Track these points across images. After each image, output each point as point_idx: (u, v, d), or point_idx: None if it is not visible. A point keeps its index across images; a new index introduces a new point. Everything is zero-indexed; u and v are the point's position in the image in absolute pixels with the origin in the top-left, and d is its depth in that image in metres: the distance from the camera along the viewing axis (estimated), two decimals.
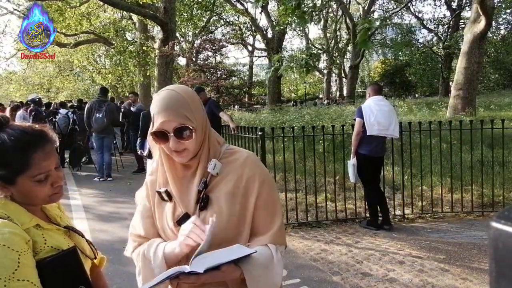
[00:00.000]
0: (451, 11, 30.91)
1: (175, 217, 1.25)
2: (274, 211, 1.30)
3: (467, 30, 12.97)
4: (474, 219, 4.89)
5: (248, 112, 19.81)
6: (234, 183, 1.25)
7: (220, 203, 1.23)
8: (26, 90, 26.71)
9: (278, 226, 1.28)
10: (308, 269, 3.64)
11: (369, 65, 46.38)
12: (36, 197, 1.17)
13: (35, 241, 1.11)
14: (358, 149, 4.54)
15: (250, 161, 1.31)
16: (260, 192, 1.27)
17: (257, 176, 1.28)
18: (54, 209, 1.32)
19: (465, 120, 5.90)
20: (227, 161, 1.29)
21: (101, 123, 7.89)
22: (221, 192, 1.24)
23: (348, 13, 26.17)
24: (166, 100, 1.20)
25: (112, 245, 4.30)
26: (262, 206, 1.27)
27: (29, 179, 1.13)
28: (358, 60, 27.40)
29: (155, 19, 13.55)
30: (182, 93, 1.23)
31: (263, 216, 1.27)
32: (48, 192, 1.17)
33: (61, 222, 1.28)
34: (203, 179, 1.24)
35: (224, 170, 1.27)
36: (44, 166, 1.14)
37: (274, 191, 1.35)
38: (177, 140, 1.18)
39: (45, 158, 1.15)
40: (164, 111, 1.18)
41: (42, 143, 1.16)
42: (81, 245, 1.28)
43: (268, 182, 1.32)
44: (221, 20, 26.68)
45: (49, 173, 1.16)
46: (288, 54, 23.90)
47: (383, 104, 4.56)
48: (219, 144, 1.32)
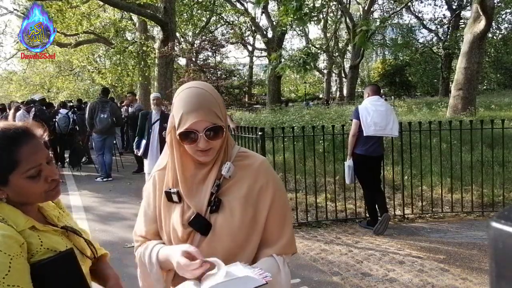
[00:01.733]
0: (451, 11, 30.89)
1: (186, 219, 1.21)
2: (285, 221, 1.29)
3: (467, 30, 12.96)
4: (474, 219, 4.89)
5: (248, 112, 19.78)
6: (248, 188, 1.23)
7: (233, 208, 1.20)
8: (26, 90, 26.70)
9: (288, 237, 1.27)
10: (308, 269, 3.64)
11: (369, 65, 46.36)
12: (31, 195, 1.15)
13: (30, 242, 1.10)
14: (354, 150, 4.56)
15: (264, 167, 1.28)
16: (273, 200, 1.25)
17: (270, 184, 1.26)
18: (52, 209, 1.30)
19: (465, 120, 5.90)
20: (240, 164, 1.26)
21: (106, 123, 7.94)
22: (234, 196, 1.22)
23: (348, 13, 26.14)
24: (196, 98, 1.16)
25: (112, 245, 4.30)
26: (274, 215, 1.25)
27: (20, 176, 1.11)
28: (358, 60, 27.37)
29: (155, 19, 13.54)
30: (210, 91, 1.19)
31: (274, 226, 1.26)
32: (43, 188, 1.15)
33: (59, 223, 1.26)
34: (216, 182, 1.21)
35: (237, 174, 1.24)
36: (33, 160, 1.12)
37: (286, 200, 1.33)
38: (206, 140, 1.15)
39: (32, 152, 1.13)
40: (196, 111, 1.13)
41: (26, 138, 1.14)
42: (80, 246, 1.26)
43: (281, 190, 1.31)
44: (221, 20, 26.67)
45: (40, 167, 1.14)
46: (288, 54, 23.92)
47: (379, 104, 4.56)
48: (232, 146, 1.30)
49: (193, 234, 1.21)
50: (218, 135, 1.17)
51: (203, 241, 1.20)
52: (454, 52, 28.41)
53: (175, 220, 1.23)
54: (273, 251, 1.23)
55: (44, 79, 27.07)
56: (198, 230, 1.20)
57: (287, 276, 1.24)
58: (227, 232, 1.18)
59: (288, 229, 1.28)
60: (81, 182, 7.99)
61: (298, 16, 6.12)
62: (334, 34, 32.90)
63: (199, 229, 1.20)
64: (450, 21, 31.27)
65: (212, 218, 1.20)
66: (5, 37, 42.43)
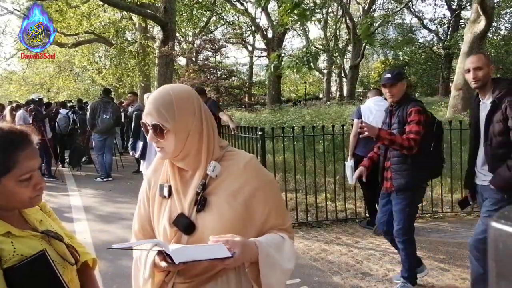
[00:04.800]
0: (451, 11, 30.90)
1: (172, 217, 1.23)
2: (283, 212, 1.33)
3: (467, 30, 12.96)
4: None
5: (248, 112, 19.78)
6: (235, 186, 1.23)
7: (220, 206, 1.21)
8: (26, 90, 26.69)
9: (289, 225, 1.33)
10: (308, 269, 3.64)
11: (369, 65, 46.34)
12: (17, 199, 1.15)
13: (2, 249, 1.09)
14: (355, 150, 4.54)
15: (252, 164, 1.28)
16: (266, 194, 1.26)
17: (260, 182, 1.26)
18: (34, 212, 1.29)
19: (465, 120, 5.89)
20: (227, 164, 1.26)
21: (108, 123, 7.97)
22: (220, 195, 1.22)
23: (348, 13, 26.15)
24: (154, 95, 1.23)
25: (112, 245, 4.29)
26: (271, 209, 1.27)
27: (13, 179, 1.12)
28: (358, 60, 27.36)
29: (155, 19, 13.56)
30: (172, 92, 1.21)
31: (273, 220, 1.28)
32: (30, 194, 1.16)
33: (40, 227, 1.24)
34: (201, 181, 1.22)
35: (223, 173, 1.24)
36: (29, 165, 1.14)
37: (279, 192, 1.35)
38: (153, 135, 1.20)
39: (30, 157, 1.15)
40: (149, 104, 1.21)
41: (25, 143, 1.15)
42: (62, 251, 1.24)
43: (272, 182, 1.32)
44: (221, 20, 26.66)
45: (33, 173, 1.15)
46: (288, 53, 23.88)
47: (383, 105, 4.55)
48: (221, 148, 1.29)
49: (179, 233, 1.22)
50: (161, 135, 1.19)
51: (189, 240, 1.21)
52: (454, 52, 28.41)
53: (164, 218, 1.25)
54: None
55: (44, 79, 27.06)
56: (181, 230, 1.21)
57: (291, 248, 1.28)
58: (212, 231, 1.17)
59: (287, 220, 1.34)
60: (81, 182, 7.99)
61: (298, 12, 6.10)
62: (334, 34, 32.90)
63: (182, 229, 1.21)
64: (450, 21, 31.28)
65: (198, 217, 1.21)
66: (5, 37, 42.46)
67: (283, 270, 1.23)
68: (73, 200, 6.51)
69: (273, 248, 1.21)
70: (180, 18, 19.64)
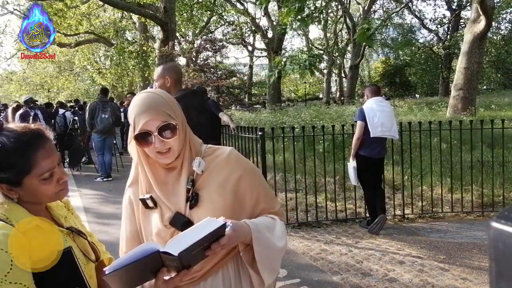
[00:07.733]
0: (451, 11, 30.90)
1: (166, 219, 1.23)
2: (271, 197, 1.40)
3: (467, 30, 12.97)
4: (474, 219, 4.89)
5: (248, 112, 19.78)
6: (222, 177, 1.27)
7: (211, 199, 1.24)
8: (26, 90, 26.70)
9: (278, 209, 1.38)
10: (308, 269, 3.64)
11: (369, 65, 46.34)
12: (43, 195, 1.18)
13: (32, 243, 1.11)
14: (359, 151, 4.51)
15: (234, 154, 1.33)
16: (252, 181, 1.32)
17: (243, 169, 1.31)
18: (59, 209, 1.32)
19: (465, 120, 5.89)
20: (210, 158, 1.30)
21: (107, 123, 7.94)
22: (210, 188, 1.25)
23: (348, 13, 26.16)
24: (145, 101, 1.20)
25: (112, 245, 4.29)
26: (259, 194, 1.33)
27: (35, 178, 1.13)
28: (358, 60, 27.37)
29: (155, 19, 13.56)
30: (161, 93, 1.24)
31: (262, 204, 1.33)
32: (54, 189, 1.18)
33: (65, 223, 1.27)
34: (190, 177, 1.24)
35: (209, 167, 1.28)
36: (47, 163, 1.15)
37: (263, 178, 1.41)
38: (161, 139, 1.17)
39: (48, 155, 1.16)
40: (146, 111, 1.17)
41: (42, 141, 1.16)
42: (84, 248, 1.28)
43: (255, 169, 1.40)
44: (222, 20, 26.67)
45: (53, 170, 1.17)
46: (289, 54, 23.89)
47: (385, 105, 4.55)
48: (200, 145, 1.34)
49: (176, 233, 1.22)
50: (172, 133, 1.19)
51: None
52: (454, 52, 28.42)
53: (155, 224, 1.24)
54: None
55: (44, 79, 27.07)
56: (179, 229, 1.21)
57: (283, 227, 1.33)
58: None
59: (276, 201, 1.41)
60: (81, 182, 7.99)
61: (300, 17, 6.10)
62: (334, 34, 32.91)
63: (181, 227, 1.21)
64: (450, 21, 31.29)
65: (193, 213, 1.23)
66: (5, 37, 42.45)
67: (276, 248, 1.26)
68: (73, 200, 6.51)
69: (264, 227, 1.25)
70: (180, 18, 19.63)
